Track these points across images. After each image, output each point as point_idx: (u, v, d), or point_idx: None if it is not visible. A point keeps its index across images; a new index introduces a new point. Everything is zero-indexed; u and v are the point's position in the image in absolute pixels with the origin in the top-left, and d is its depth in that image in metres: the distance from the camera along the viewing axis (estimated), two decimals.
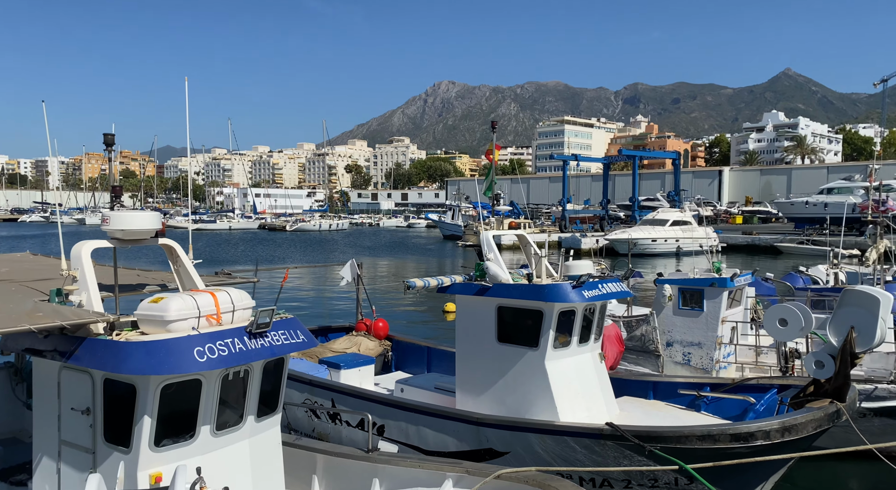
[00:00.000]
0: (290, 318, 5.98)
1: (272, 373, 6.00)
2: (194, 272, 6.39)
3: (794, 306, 7.84)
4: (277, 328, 5.68)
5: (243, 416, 5.76)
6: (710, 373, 13.03)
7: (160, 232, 6.06)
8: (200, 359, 4.96)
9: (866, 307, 7.13)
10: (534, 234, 64.67)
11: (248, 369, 5.67)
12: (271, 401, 6.06)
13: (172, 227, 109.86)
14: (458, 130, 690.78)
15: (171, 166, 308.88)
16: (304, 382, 10.44)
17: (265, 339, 5.48)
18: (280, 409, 6.22)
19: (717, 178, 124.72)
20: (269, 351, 5.47)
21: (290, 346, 5.67)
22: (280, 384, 6.19)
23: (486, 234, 9.92)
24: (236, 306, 5.62)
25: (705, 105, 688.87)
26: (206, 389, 5.35)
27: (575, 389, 9.21)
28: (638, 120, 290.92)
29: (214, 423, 5.50)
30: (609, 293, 9.38)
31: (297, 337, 5.78)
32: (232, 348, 5.19)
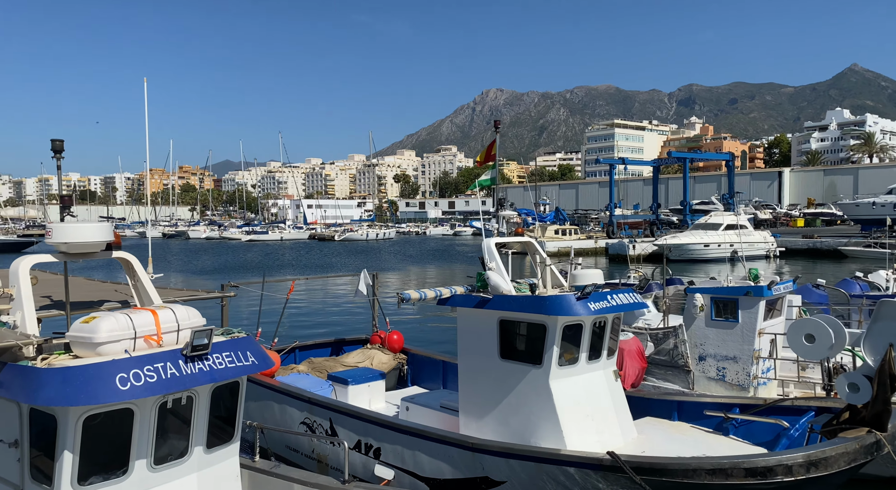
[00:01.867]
0: (242, 337, 5.52)
1: (225, 398, 5.50)
2: (151, 287, 6.01)
3: (822, 320, 6.91)
4: (222, 350, 5.15)
5: (189, 448, 5.28)
6: (746, 389, 11.99)
7: (114, 245, 5.72)
8: (123, 387, 4.47)
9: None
10: (579, 241, 63.15)
11: (193, 395, 5.21)
12: (225, 429, 5.58)
13: (227, 239, 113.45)
14: (507, 138, 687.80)
15: (229, 180, 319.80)
16: (303, 400, 10.07)
17: (205, 361, 4.97)
18: (237, 438, 5.74)
19: (776, 180, 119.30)
20: (208, 376, 4.95)
21: (236, 370, 5.13)
22: (236, 410, 5.68)
23: (487, 242, 9.32)
24: (181, 325, 5.14)
25: (764, 105, 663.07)
26: (139, 419, 4.88)
27: (584, 411, 8.48)
28: (692, 122, 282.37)
29: (152, 457, 5.03)
30: (620, 305, 8.62)
31: (244, 359, 5.24)
32: (163, 374, 4.69)
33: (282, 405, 10.40)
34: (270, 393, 10.56)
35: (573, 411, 8.38)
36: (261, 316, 11.84)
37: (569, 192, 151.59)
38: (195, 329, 4.94)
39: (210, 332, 5.00)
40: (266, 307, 13.03)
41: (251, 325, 11.83)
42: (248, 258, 68.13)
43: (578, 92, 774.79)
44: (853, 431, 6.49)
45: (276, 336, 11.64)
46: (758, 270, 12.55)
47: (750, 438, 8.85)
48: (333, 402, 9.78)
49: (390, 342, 13.11)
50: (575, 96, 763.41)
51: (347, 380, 11.17)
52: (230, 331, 5.65)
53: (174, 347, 4.99)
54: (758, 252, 57.64)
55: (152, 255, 5.08)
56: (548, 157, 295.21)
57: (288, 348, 12.85)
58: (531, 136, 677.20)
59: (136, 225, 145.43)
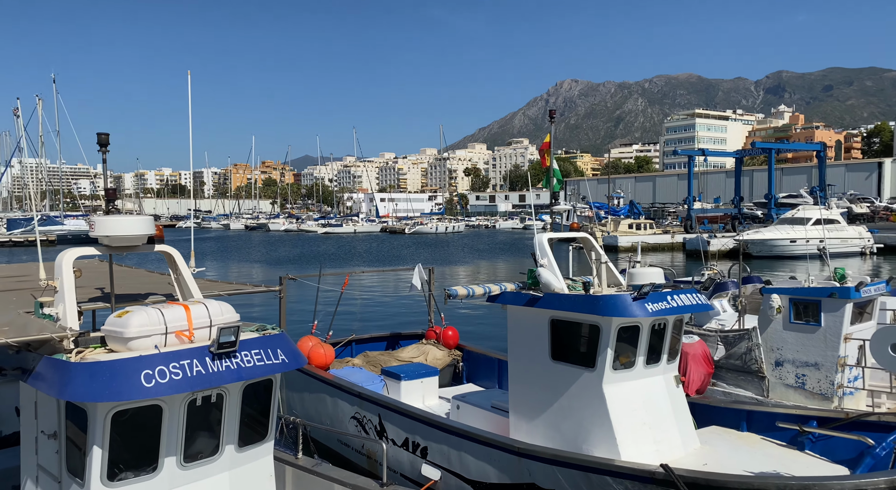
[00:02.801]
0: (275, 333, 5.46)
1: (258, 396, 5.43)
2: (192, 281, 6.07)
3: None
4: (251, 347, 5.05)
5: (220, 446, 5.23)
6: (830, 399, 11.01)
7: (156, 238, 5.80)
8: (148, 383, 4.44)
9: None
10: (655, 236, 60.91)
11: (223, 393, 5.14)
12: (258, 427, 5.50)
13: (304, 231, 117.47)
14: (581, 129, 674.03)
15: (308, 174, 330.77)
16: (353, 395, 10.06)
17: (233, 359, 4.88)
18: (271, 437, 5.66)
19: (875, 171, 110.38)
20: (235, 374, 4.86)
21: (264, 369, 5.03)
22: (270, 409, 5.61)
23: (540, 237, 8.93)
24: (214, 321, 5.08)
25: (864, 91, 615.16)
26: (168, 416, 4.85)
27: (640, 418, 7.98)
28: (780, 110, 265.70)
29: (182, 454, 4.99)
30: (680, 306, 8.03)
31: (275, 357, 5.12)
32: (188, 371, 4.63)
33: (334, 399, 10.46)
34: (323, 386, 10.64)
35: (628, 418, 7.90)
36: (317, 309, 11.98)
37: (645, 184, 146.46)
38: (221, 326, 4.87)
39: (237, 330, 4.91)
40: (325, 300, 13.18)
41: (308, 318, 11.98)
42: (321, 249, 70.12)
43: (658, 81, 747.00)
44: None
45: (331, 329, 11.74)
46: (844, 270, 11.46)
47: (828, 455, 8.06)
48: (383, 397, 9.72)
49: (445, 338, 12.95)
50: (654, 86, 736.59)
51: (400, 375, 11.10)
52: (264, 327, 5.60)
53: (203, 344, 4.94)
54: (851, 249, 53.48)
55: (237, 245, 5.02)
56: (624, 148, 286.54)
57: (344, 341, 12.94)
58: (607, 127, 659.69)
59: (221, 217, 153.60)
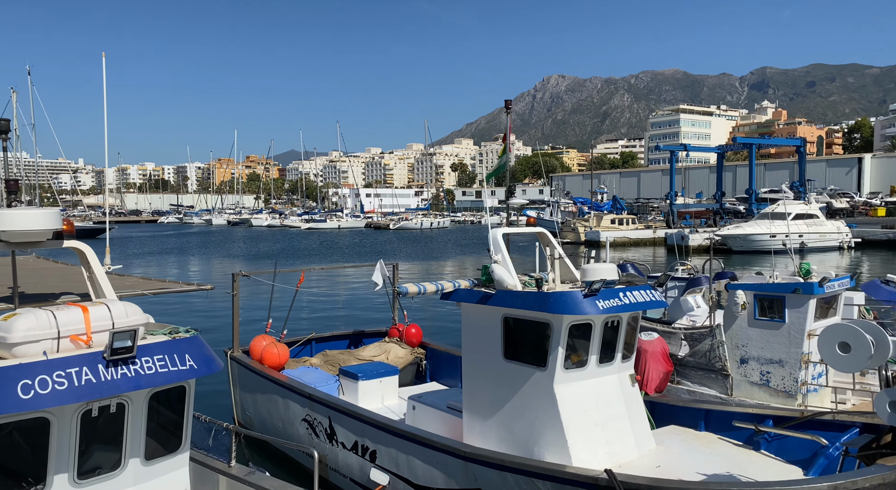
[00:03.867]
0: (187, 337, 5.06)
1: (169, 404, 5.02)
2: (105, 280, 5.65)
3: (860, 326, 5.91)
4: (154, 352, 4.63)
5: (122, 460, 4.83)
6: (794, 396, 10.87)
7: (65, 233, 5.36)
8: (26, 395, 4.00)
9: None
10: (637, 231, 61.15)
11: (125, 402, 4.72)
12: (171, 438, 5.10)
13: (287, 227, 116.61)
14: (568, 125, 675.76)
15: (293, 169, 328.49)
16: (304, 396, 9.73)
17: (131, 366, 4.46)
18: (185, 448, 5.24)
19: (856, 167, 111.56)
20: (132, 382, 4.43)
21: (170, 375, 4.60)
22: (183, 417, 5.18)
23: (494, 232, 8.65)
24: (117, 324, 4.63)
25: (846, 87, 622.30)
26: (56, 430, 4.42)
27: (593, 419, 7.74)
28: (764, 106, 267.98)
29: (75, 470, 4.59)
30: (633, 303, 7.79)
31: (182, 363, 4.71)
32: (77, 380, 4.20)
33: (285, 400, 10.13)
34: (275, 387, 10.31)
35: (580, 419, 7.67)
36: (271, 307, 11.63)
37: (630, 180, 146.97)
38: (115, 330, 4.44)
39: (134, 334, 4.49)
40: (286, 298, 12.82)
41: (263, 316, 11.63)
42: (302, 245, 69.57)
43: (643, 77, 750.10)
44: (895, 458, 5.52)
45: (286, 328, 11.40)
46: (809, 265, 11.31)
47: (783, 455, 7.88)
48: (333, 399, 9.40)
49: (408, 336, 12.65)
50: (640, 82, 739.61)
51: (358, 375, 10.79)
52: (177, 330, 5.21)
53: (98, 350, 4.51)
54: (830, 243, 53.94)
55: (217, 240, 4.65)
56: (609, 144, 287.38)
57: (302, 340, 12.61)
58: (593, 123, 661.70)
59: (203, 213, 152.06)
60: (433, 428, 9.05)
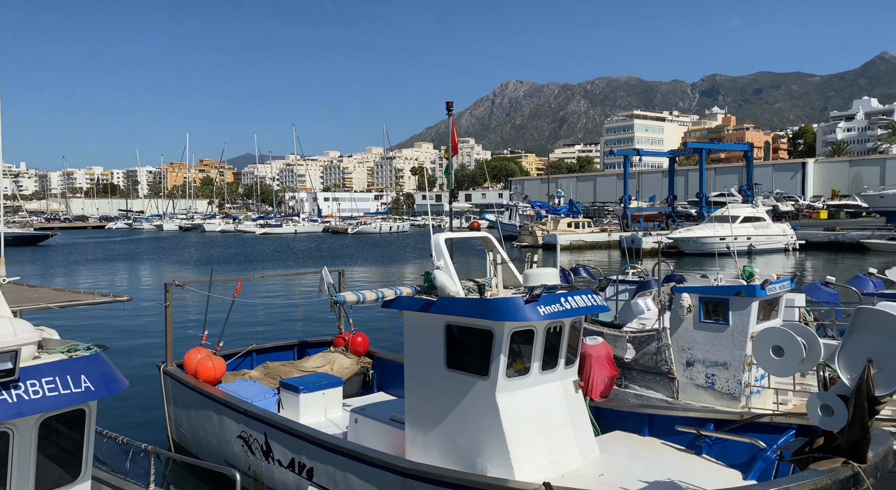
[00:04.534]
0: (85, 355, 4.61)
1: (63, 430, 4.57)
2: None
3: (792, 329, 5.90)
4: (42, 374, 4.17)
5: None
6: (738, 398, 10.97)
7: None
8: None
9: (888, 333, 5.15)
10: (592, 234, 61.87)
11: (8, 431, 4.24)
12: (68, 467, 4.63)
13: (242, 232, 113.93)
14: (527, 130, 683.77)
15: (249, 173, 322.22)
16: (240, 412, 9.27)
17: (14, 390, 4.01)
18: (86, 476, 4.71)
19: (800, 171, 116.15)
20: (13, 409, 3.98)
21: (61, 399, 4.14)
22: (83, 444, 4.70)
23: (436, 237, 8.41)
24: (1, 343, 4.08)
25: (791, 95, 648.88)
26: None
27: (536, 428, 7.57)
28: (714, 112, 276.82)
29: None
30: (575, 309, 7.66)
31: (76, 385, 4.26)
32: None
33: (220, 416, 9.65)
34: (209, 402, 9.82)
35: (522, 429, 7.48)
36: (207, 318, 11.09)
37: (586, 184, 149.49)
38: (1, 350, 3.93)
39: (15, 355, 4.00)
40: (231, 308, 12.29)
41: (199, 327, 11.10)
42: (255, 251, 68.07)
43: (599, 83, 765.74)
44: (827, 462, 5.50)
45: (221, 340, 10.90)
46: (752, 268, 11.46)
47: (724, 458, 7.87)
48: (268, 414, 8.98)
49: (354, 345, 12.30)
50: (596, 88, 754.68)
51: (299, 387, 10.37)
52: (76, 347, 4.74)
53: None
54: (776, 245, 55.78)
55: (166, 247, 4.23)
56: (566, 148, 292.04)
57: (242, 352, 12.10)
58: (551, 128, 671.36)
59: (153, 218, 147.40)
60: (376, 441, 8.74)
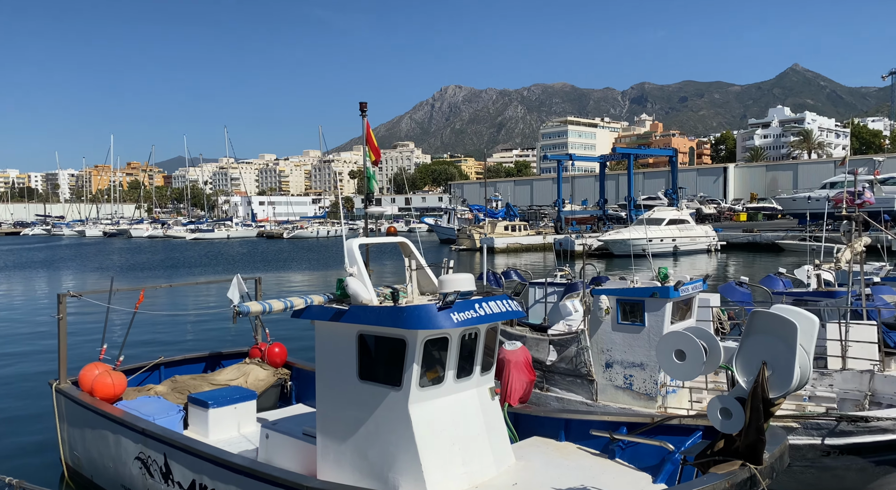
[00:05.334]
0: None
1: None
2: None
3: (693, 333, 5.98)
4: None
5: None
6: (654, 399, 11.17)
7: None
8: None
9: (780, 336, 5.26)
10: (528, 237, 62.67)
11: None
12: None
13: (171, 237, 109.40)
14: (466, 134, 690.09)
15: (179, 176, 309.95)
16: (137, 431, 8.65)
17: None
18: None
19: (721, 175, 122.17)
20: None
21: None
22: None
23: (350, 243, 8.10)
24: None
25: (713, 103, 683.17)
26: None
27: (449, 438, 7.39)
28: (643, 119, 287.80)
29: None
30: (490, 315, 7.53)
31: None
32: None
33: (116, 436, 8.98)
34: (105, 421, 9.13)
35: (436, 440, 7.27)
36: (106, 330, 10.33)
37: (524, 188, 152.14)
38: None
39: None
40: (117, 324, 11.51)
41: (98, 341, 10.33)
42: (184, 256, 65.38)
43: (535, 90, 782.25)
44: (726, 465, 5.58)
45: (122, 354, 10.18)
46: (667, 269, 11.71)
47: (637, 462, 7.93)
48: (168, 433, 8.40)
49: (271, 356, 11.79)
50: (532, 94, 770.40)
51: (208, 402, 9.82)
52: None
53: None
54: (699, 246, 58.27)
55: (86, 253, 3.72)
56: (505, 153, 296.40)
57: (149, 366, 11.38)
58: (490, 132, 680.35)
59: (75, 223, 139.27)
60: (287, 458, 8.34)
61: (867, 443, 8.53)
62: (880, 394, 10.32)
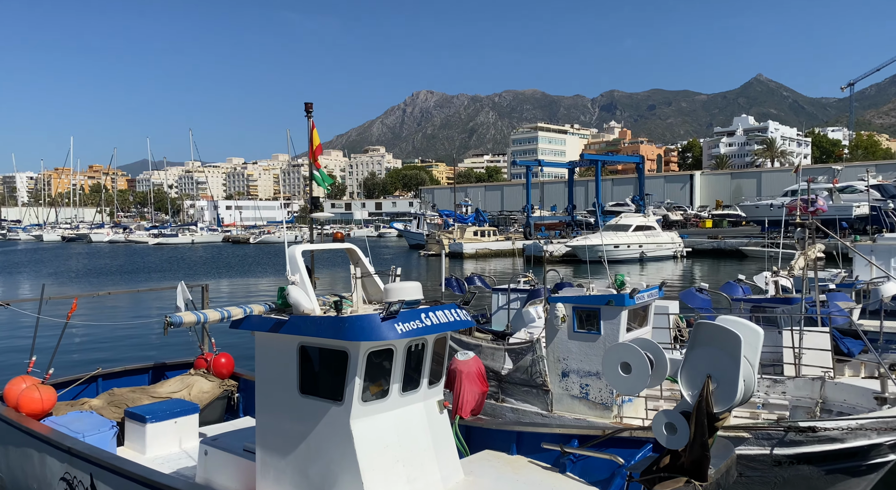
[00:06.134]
0: None
1: None
2: None
3: (639, 345, 5.82)
4: None
5: None
6: (610, 408, 11.03)
7: None
8: None
9: (725, 348, 5.11)
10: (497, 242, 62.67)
11: None
12: None
13: (133, 242, 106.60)
14: (437, 139, 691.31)
15: (144, 180, 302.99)
16: (63, 450, 8.13)
17: None
18: None
19: (688, 183, 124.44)
20: None
21: None
22: None
23: (292, 249, 7.74)
24: None
25: (680, 111, 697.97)
26: None
27: (393, 456, 7.08)
28: (611, 126, 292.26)
29: None
30: (436, 325, 7.24)
31: None
32: None
33: (41, 455, 8.44)
34: (29, 439, 8.57)
35: (379, 458, 6.96)
36: (35, 341, 9.74)
37: (494, 193, 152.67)
38: None
39: None
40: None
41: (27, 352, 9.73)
42: (144, 262, 63.68)
43: (506, 96, 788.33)
44: (671, 482, 5.40)
45: (51, 367, 9.62)
46: (623, 276, 11.61)
47: (587, 476, 7.73)
48: (95, 452, 7.91)
49: (217, 367, 11.32)
50: (503, 100, 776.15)
51: (145, 416, 9.32)
52: None
53: None
54: (665, 252, 59.06)
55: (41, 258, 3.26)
56: (476, 159, 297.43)
57: (85, 378, 10.80)
58: (461, 138, 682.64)
59: (31, 228, 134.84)
60: (227, 476, 7.93)
61: (817, 452, 8.49)
62: (831, 401, 10.35)
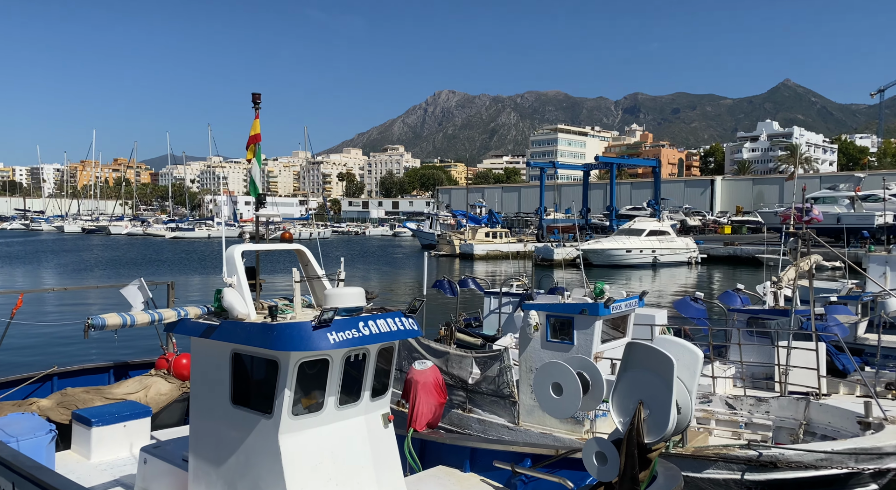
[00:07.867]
0: None
1: None
2: None
3: (572, 364, 5.31)
4: None
5: None
6: (581, 422, 10.51)
7: None
8: None
9: (657, 372, 4.61)
10: (509, 244, 62.05)
11: None
12: None
13: (151, 235, 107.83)
14: (458, 139, 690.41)
15: (166, 174, 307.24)
16: None
17: None
18: None
19: (709, 188, 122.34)
20: None
21: None
22: None
23: (231, 250, 7.36)
24: None
25: (705, 115, 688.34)
26: None
27: (326, 474, 6.65)
28: (633, 129, 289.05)
29: None
30: (377, 334, 6.80)
31: None
32: None
33: None
34: None
35: (309, 476, 6.54)
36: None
37: (512, 194, 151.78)
38: None
39: None
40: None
41: None
42: (157, 255, 64.25)
43: (529, 97, 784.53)
44: None
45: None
46: (603, 284, 11.07)
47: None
48: (16, 459, 7.57)
49: (178, 367, 11.00)
50: (525, 101, 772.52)
51: (91, 420, 9.02)
52: None
53: None
54: (679, 259, 57.87)
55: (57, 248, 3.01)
56: (495, 159, 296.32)
57: (38, 377, 10.56)
58: (482, 138, 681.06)
59: (54, 219, 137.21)
60: (163, 486, 7.59)
61: (790, 479, 7.91)
62: (815, 423, 9.71)
